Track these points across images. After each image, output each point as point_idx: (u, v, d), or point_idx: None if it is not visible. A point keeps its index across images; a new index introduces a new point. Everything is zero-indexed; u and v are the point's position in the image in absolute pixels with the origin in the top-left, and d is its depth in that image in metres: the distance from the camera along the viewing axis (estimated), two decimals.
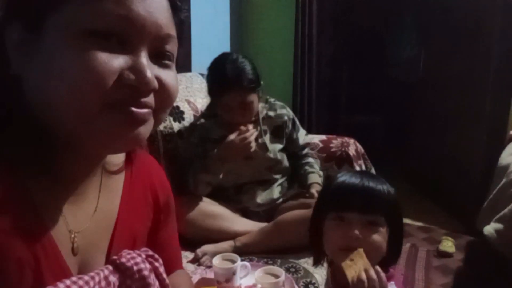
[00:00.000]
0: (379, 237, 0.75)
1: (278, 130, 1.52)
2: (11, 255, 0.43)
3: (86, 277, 0.49)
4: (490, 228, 1.50)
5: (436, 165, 2.77)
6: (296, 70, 2.57)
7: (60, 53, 0.42)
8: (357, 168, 1.76)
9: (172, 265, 0.72)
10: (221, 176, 1.38)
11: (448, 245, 2.11)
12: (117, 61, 0.43)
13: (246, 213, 1.45)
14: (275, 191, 1.50)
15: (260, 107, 1.49)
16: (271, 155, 1.48)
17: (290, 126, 1.55)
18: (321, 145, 1.81)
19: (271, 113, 1.52)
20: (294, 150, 1.58)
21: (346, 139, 1.83)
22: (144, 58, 0.45)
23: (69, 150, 0.49)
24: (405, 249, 2.15)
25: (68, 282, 0.47)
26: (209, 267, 1.19)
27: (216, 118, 1.44)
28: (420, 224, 2.47)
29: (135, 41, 0.45)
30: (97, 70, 0.42)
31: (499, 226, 1.48)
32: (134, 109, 0.45)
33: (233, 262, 1.09)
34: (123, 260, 0.53)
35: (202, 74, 1.90)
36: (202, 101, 1.68)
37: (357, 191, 0.77)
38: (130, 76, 0.44)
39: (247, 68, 1.36)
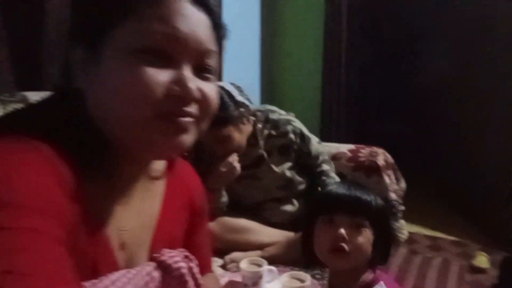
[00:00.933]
0: (364, 238, 0.82)
1: (285, 149, 1.48)
2: (77, 246, 0.48)
3: (133, 271, 0.54)
4: None
5: (467, 178, 2.70)
6: (325, 79, 2.58)
7: (114, 70, 0.49)
8: (386, 179, 1.75)
9: (203, 268, 0.75)
10: (225, 199, 1.40)
11: (482, 260, 2.04)
12: (163, 75, 0.49)
13: (271, 224, 1.47)
14: (296, 204, 1.51)
15: (259, 128, 1.46)
16: (280, 175, 1.46)
17: (298, 141, 1.49)
18: (349, 154, 1.80)
19: (274, 132, 1.48)
20: (308, 162, 1.54)
21: (375, 148, 1.81)
22: (187, 72, 0.51)
23: (121, 156, 0.55)
24: (436, 263, 2.09)
25: (118, 274, 0.52)
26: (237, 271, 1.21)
27: None
28: (452, 238, 2.40)
29: (179, 56, 0.50)
30: (146, 84, 0.48)
31: None
32: (179, 119, 0.51)
33: (260, 266, 1.11)
34: (164, 258, 0.59)
35: (232, 84, 1.95)
36: None
37: (345, 195, 0.85)
38: (175, 88, 0.50)
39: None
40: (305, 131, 1.52)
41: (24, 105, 0.59)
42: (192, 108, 0.52)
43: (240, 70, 2.20)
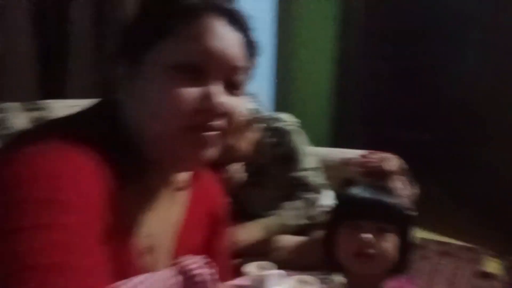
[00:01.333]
0: (390, 244, 0.82)
1: (287, 158, 1.47)
2: (109, 248, 0.51)
3: (156, 275, 0.58)
4: None
5: (483, 184, 2.67)
6: (337, 86, 2.59)
7: (150, 84, 0.54)
8: (398, 184, 1.75)
9: (223, 275, 0.78)
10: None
11: (492, 266, 2.02)
12: (195, 90, 0.54)
13: None
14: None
15: (263, 136, 1.46)
16: (283, 184, 1.46)
17: (291, 153, 1.46)
18: (360, 159, 1.81)
19: (275, 140, 1.47)
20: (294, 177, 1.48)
21: (386, 154, 1.81)
22: (217, 87, 0.55)
23: (151, 166, 0.59)
24: (446, 269, 2.08)
25: (142, 277, 0.56)
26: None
27: None
28: (464, 243, 2.38)
29: (211, 72, 0.55)
30: (178, 98, 0.53)
31: None
32: (206, 133, 0.55)
33: (268, 270, 1.12)
34: (186, 264, 0.62)
35: None
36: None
37: (370, 200, 0.85)
38: (205, 102, 0.54)
39: None
40: (299, 145, 1.48)
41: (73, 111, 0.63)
42: (220, 122, 0.56)
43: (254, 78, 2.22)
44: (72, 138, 0.50)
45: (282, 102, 2.68)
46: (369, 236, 0.81)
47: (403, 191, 1.79)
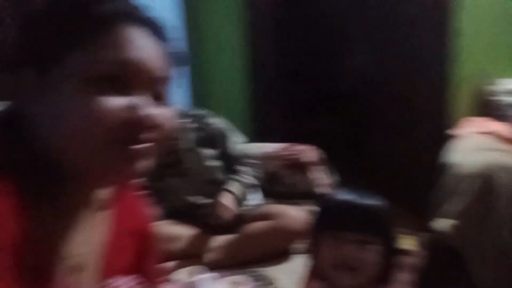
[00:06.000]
0: (371, 254, 0.77)
1: (208, 141, 1.46)
2: (23, 272, 0.47)
3: None
4: (444, 224, 1.59)
5: (391, 168, 2.90)
6: (252, 83, 2.63)
7: (66, 96, 0.48)
8: (316, 174, 1.82)
9: None
10: None
11: (406, 242, 2.19)
12: (117, 102, 0.49)
13: (210, 227, 1.44)
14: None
15: (179, 123, 1.44)
16: (205, 168, 1.45)
17: (221, 134, 1.48)
18: (278, 152, 1.85)
19: (196, 125, 1.46)
20: (228, 159, 1.50)
21: (303, 146, 1.88)
22: (140, 98, 0.51)
23: (70, 183, 0.53)
24: None
25: None
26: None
27: None
28: None
29: (132, 83, 0.51)
30: (99, 112, 0.48)
31: (448, 221, 1.58)
32: (131, 146, 0.51)
33: (199, 274, 1.09)
34: (116, 284, 0.59)
35: None
36: None
37: (349, 210, 0.80)
38: (128, 115, 0.49)
39: None
40: (223, 122, 1.50)
41: None
42: (146, 135, 0.52)
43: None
44: None
45: (198, 102, 2.64)
46: (347, 248, 0.76)
47: (321, 180, 1.87)
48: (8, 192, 0.45)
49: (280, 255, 1.31)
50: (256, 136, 2.65)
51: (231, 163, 1.47)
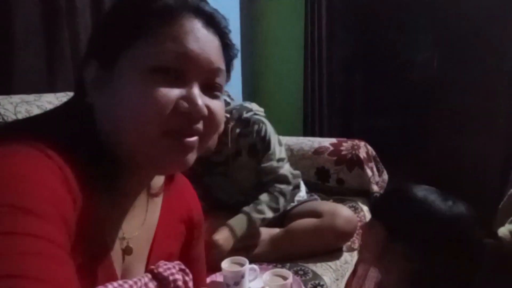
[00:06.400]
0: (370, 236, 0.79)
1: (252, 149, 1.41)
2: (79, 254, 0.49)
3: (130, 282, 0.55)
4: (504, 230, 1.47)
5: (452, 168, 2.74)
6: (307, 74, 2.58)
7: (126, 87, 0.51)
8: (368, 171, 1.76)
9: (199, 282, 0.76)
10: None
11: None
12: (173, 93, 0.51)
13: None
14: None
15: (231, 127, 1.42)
16: (248, 175, 1.43)
17: (259, 144, 1.40)
18: (331, 148, 1.81)
19: (243, 131, 1.42)
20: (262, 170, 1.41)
21: (356, 141, 1.83)
22: (196, 89, 0.52)
23: (126, 171, 0.56)
24: None
25: (115, 284, 0.53)
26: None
27: None
28: None
29: (189, 74, 0.52)
30: (157, 101, 0.49)
31: None
32: (186, 139, 0.53)
33: (242, 265, 1.10)
34: (161, 270, 0.60)
35: None
36: None
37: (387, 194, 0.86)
38: (184, 105, 0.51)
39: None
40: (270, 135, 1.41)
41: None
42: (199, 125, 0.53)
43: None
44: (37, 141, 0.47)
45: (252, 92, 2.66)
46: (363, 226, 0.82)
47: (373, 178, 1.80)
48: (68, 177, 0.47)
49: (326, 253, 1.29)
50: (308, 130, 2.62)
51: (261, 178, 1.40)
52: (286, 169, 1.39)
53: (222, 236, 1.22)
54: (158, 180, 0.67)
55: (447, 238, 0.73)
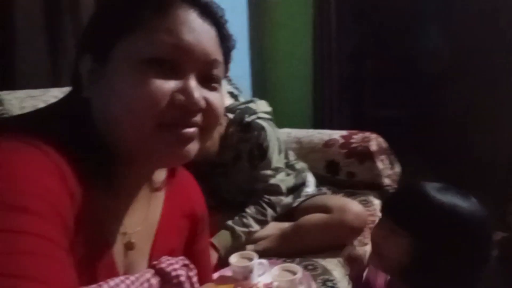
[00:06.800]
0: (394, 246, 0.74)
1: (251, 155, 1.37)
2: (78, 251, 0.48)
3: (132, 277, 0.55)
4: None
5: (465, 159, 2.68)
6: (316, 64, 2.54)
7: (120, 79, 0.50)
8: (380, 164, 1.72)
9: (203, 277, 0.75)
10: None
11: None
12: (169, 85, 0.50)
13: None
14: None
15: (232, 131, 1.39)
16: (247, 180, 1.39)
17: (256, 152, 1.36)
18: (342, 140, 1.78)
19: (244, 136, 1.38)
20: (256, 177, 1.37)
21: (367, 134, 1.79)
22: (192, 81, 0.51)
23: (126, 166, 0.55)
24: None
25: (117, 280, 0.53)
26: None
27: None
28: None
29: (185, 66, 0.51)
30: (152, 93, 0.48)
31: None
32: (183, 130, 0.51)
33: (251, 260, 1.08)
34: (163, 265, 0.59)
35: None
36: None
37: (399, 195, 0.81)
38: (180, 97, 0.50)
39: None
40: (268, 142, 1.35)
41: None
42: (197, 118, 0.52)
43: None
44: (32, 137, 0.46)
45: (261, 84, 2.63)
46: (376, 232, 0.77)
47: (385, 170, 1.77)
48: (65, 172, 0.46)
49: (336, 248, 1.27)
50: (318, 121, 2.59)
51: (254, 185, 1.37)
52: (279, 179, 1.36)
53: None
54: (160, 175, 0.66)
55: (469, 237, 0.73)
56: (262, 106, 1.45)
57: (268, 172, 1.34)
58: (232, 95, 1.80)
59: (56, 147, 0.46)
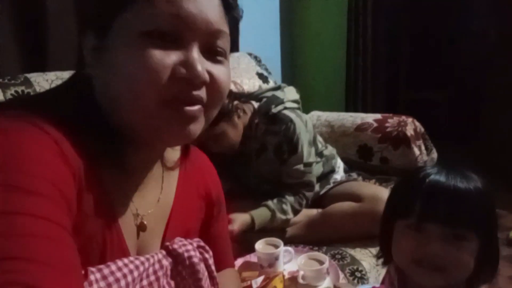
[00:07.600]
0: (465, 254, 0.62)
1: (279, 148, 1.31)
2: (85, 231, 0.48)
3: (142, 258, 0.54)
4: None
5: (505, 146, 2.53)
6: (350, 45, 2.44)
7: (121, 54, 0.48)
8: (416, 150, 1.64)
9: (223, 261, 0.73)
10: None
11: None
12: (170, 57, 0.48)
13: None
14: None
15: (256, 123, 1.32)
16: (270, 172, 1.35)
17: (285, 146, 1.29)
18: (375, 124, 1.70)
19: (270, 128, 1.31)
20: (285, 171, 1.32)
21: (403, 117, 1.70)
22: (195, 53, 0.49)
23: (132, 144, 0.54)
24: None
25: (126, 260, 0.52)
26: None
27: None
28: None
29: (186, 37, 0.49)
30: (152, 67, 0.47)
31: None
32: (186, 108, 0.49)
33: (277, 247, 1.06)
34: (175, 246, 0.58)
35: (250, 54, 1.87)
36: (248, 81, 1.65)
37: (441, 197, 0.62)
38: (182, 70, 0.48)
39: None
40: (298, 135, 1.28)
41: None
42: (200, 92, 0.50)
43: (259, 40, 2.09)
44: (33, 116, 0.45)
45: (291, 67, 2.57)
46: (436, 249, 0.61)
47: (421, 157, 1.69)
48: (65, 151, 0.45)
49: (366, 238, 1.21)
50: (351, 105, 2.50)
51: (285, 180, 1.32)
52: (313, 174, 1.32)
53: (241, 222, 1.19)
54: (173, 154, 0.64)
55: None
56: (289, 94, 1.37)
57: (302, 168, 1.29)
58: (261, 76, 1.75)
59: (57, 126, 0.46)
